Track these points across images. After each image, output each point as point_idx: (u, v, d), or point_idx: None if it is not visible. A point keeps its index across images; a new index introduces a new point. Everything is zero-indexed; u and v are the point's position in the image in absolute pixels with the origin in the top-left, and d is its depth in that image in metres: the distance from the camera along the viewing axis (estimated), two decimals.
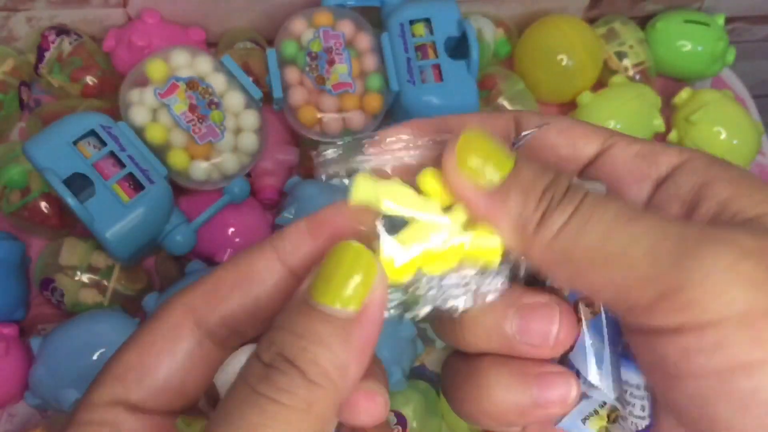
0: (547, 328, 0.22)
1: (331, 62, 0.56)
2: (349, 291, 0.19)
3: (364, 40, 0.58)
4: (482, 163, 0.20)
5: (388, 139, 0.22)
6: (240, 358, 0.21)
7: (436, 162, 0.21)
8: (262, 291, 0.21)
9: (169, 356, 0.21)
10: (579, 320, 0.22)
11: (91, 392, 0.21)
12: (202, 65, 0.55)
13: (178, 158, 0.53)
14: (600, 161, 0.22)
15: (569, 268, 0.19)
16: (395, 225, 0.21)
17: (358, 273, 0.19)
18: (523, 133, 0.22)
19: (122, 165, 0.51)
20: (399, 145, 0.22)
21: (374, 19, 0.60)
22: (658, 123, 0.68)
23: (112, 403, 0.20)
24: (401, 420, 0.53)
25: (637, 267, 0.18)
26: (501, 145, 0.21)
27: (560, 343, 0.22)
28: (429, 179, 0.21)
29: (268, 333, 0.19)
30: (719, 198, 0.20)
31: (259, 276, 0.21)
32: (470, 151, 0.20)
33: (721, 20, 0.73)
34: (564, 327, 0.22)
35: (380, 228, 0.21)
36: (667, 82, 0.74)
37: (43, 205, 0.56)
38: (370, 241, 0.20)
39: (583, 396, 0.22)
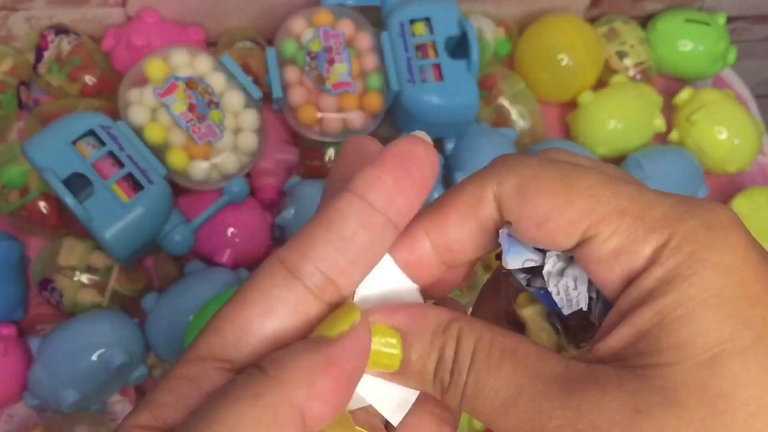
0: None
1: (331, 62, 0.56)
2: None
3: (364, 40, 0.58)
4: (376, 361, 0.21)
5: None
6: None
7: None
8: (347, 231, 0.20)
9: (261, 305, 0.20)
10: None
11: (194, 344, 0.21)
12: (202, 65, 0.54)
13: (177, 158, 0.53)
14: (579, 252, 0.21)
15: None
16: None
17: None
18: (500, 239, 0.22)
19: (121, 165, 0.51)
20: None
21: (374, 19, 0.60)
22: (659, 123, 0.68)
23: (204, 359, 0.20)
24: None
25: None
26: (385, 332, 0.21)
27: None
28: None
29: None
30: (638, 329, 0.19)
31: (342, 216, 0.21)
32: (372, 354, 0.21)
33: (722, 20, 0.73)
34: None
35: None
36: (668, 82, 0.74)
37: (42, 205, 0.56)
38: None
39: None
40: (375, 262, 0.21)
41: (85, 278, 0.54)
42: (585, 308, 0.22)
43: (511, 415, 0.20)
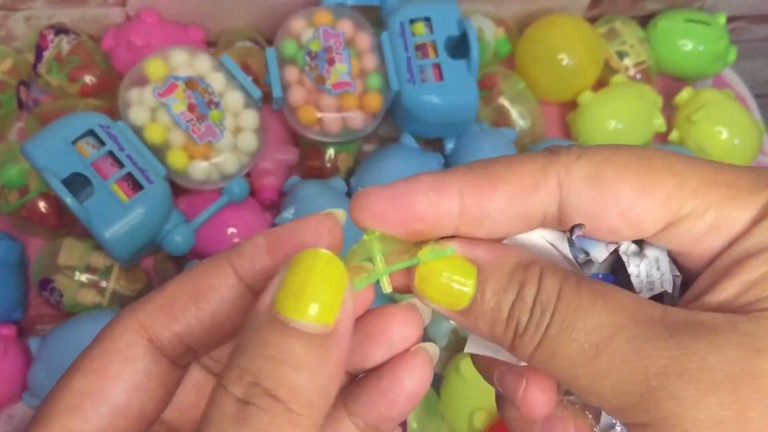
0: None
1: (331, 62, 0.56)
2: (324, 304, 0.17)
3: (364, 40, 0.58)
4: (443, 295, 0.19)
5: None
6: None
7: None
8: (219, 307, 0.20)
9: (126, 379, 0.19)
10: None
11: (41, 427, 0.19)
12: (202, 65, 0.54)
13: (177, 158, 0.53)
14: (668, 233, 0.20)
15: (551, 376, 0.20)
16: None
17: (331, 283, 0.17)
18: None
19: (121, 165, 0.51)
20: None
21: (374, 18, 0.60)
22: (659, 123, 0.68)
23: None
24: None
25: (606, 399, 0.18)
26: (459, 266, 0.19)
27: None
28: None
29: (234, 359, 0.17)
30: (746, 279, 0.19)
31: (215, 292, 0.20)
32: (428, 286, 0.19)
33: (722, 19, 0.73)
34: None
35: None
36: (668, 82, 0.74)
37: (42, 205, 0.56)
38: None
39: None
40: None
41: (84, 278, 0.54)
42: (669, 289, 0.21)
43: (603, 358, 0.18)
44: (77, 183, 0.49)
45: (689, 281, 0.20)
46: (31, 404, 0.52)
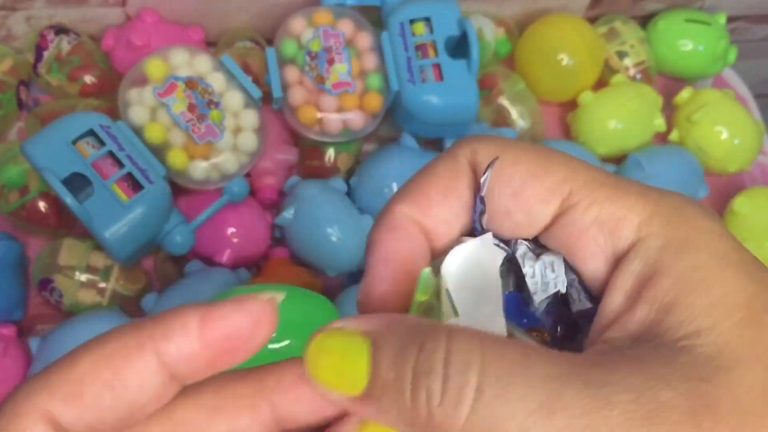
0: None
1: (331, 61, 0.56)
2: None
3: (364, 40, 0.58)
4: (337, 376, 0.17)
5: None
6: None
7: None
8: (137, 396, 0.18)
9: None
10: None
11: None
12: (202, 65, 0.54)
13: (177, 158, 0.53)
14: (557, 226, 0.20)
15: None
16: None
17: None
18: (482, 179, 0.20)
19: (121, 165, 0.51)
20: None
21: (374, 18, 0.60)
22: (659, 123, 0.68)
23: None
24: None
25: None
26: (353, 340, 0.17)
27: None
28: None
29: None
30: (660, 302, 0.18)
31: (134, 378, 0.18)
32: (318, 368, 0.17)
33: (722, 19, 0.73)
34: None
35: None
36: (668, 82, 0.74)
37: (42, 204, 0.56)
38: None
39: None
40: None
41: (84, 278, 0.54)
42: (563, 290, 0.20)
43: (558, 417, 0.15)
44: (77, 183, 0.49)
45: (591, 288, 0.20)
46: None
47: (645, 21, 0.75)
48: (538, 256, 0.21)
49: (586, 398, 0.16)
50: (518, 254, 0.21)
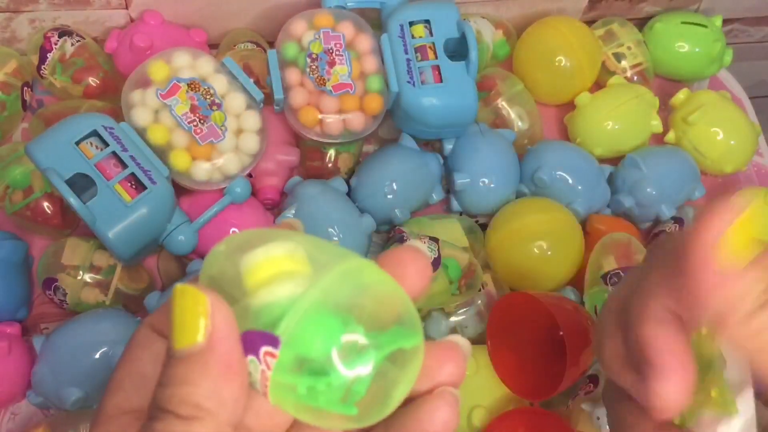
0: None
1: (332, 63, 0.57)
2: (190, 327, 0.20)
3: (365, 42, 0.58)
4: (745, 247, 0.21)
5: None
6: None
7: None
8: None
9: (147, 358, 0.23)
10: None
11: (99, 413, 0.24)
12: (204, 66, 0.55)
13: (179, 159, 0.53)
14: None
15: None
16: None
17: (187, 309, 0.20)
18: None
19: (124, 165, 0.51)
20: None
21: (374, 21, 0.60)
22: (656, 124, 0.68)
23: (116, 415, 0.23)
24: None
25: None
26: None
27: None
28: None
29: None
30: None
31: None
32: (744, 234, 0.21)
33: (718, 22, 0.73)
34: None
35: None
36: (665, 83, 0.75)
37: (46, 205, 0.56)
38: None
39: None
40: None
41: (88, 277, 0.55)
42: None
43: None
44: (81, 183, 0.50)
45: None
46: (35, 402, 0.52)
47: (642, 23, 0.75)
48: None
49: None
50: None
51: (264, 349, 0.20)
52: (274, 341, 0.20)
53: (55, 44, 0.61)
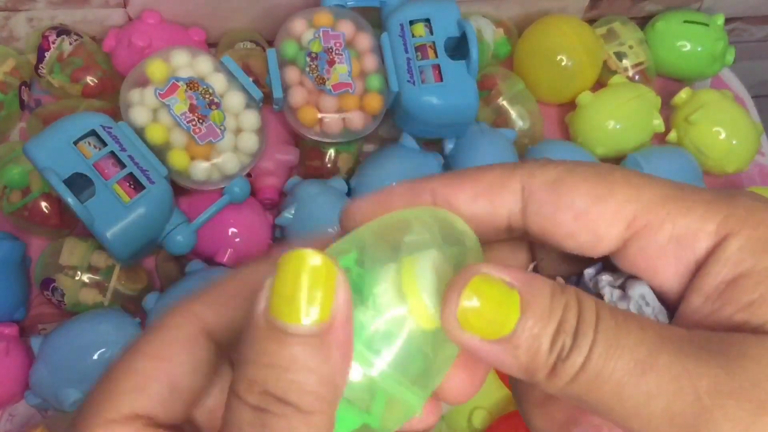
0: None
1: (331, 62, 0.56)
2: (315, 303, 0.17)
3: (364, 41, 0.58)
4: (486, 323, 0.18)
5: None
6: None
7: None
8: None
9: (185, 363, 0.20)
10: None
11: (107, 406, 0.19)
12: (203, 65, 0.55)
13: (178, 158, 0.53)
14: (631, 249, 0.20)
15: (588, 406, 0.18)
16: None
17: (320, 281, 0.17)
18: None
19: (122, 165, 0.51)
20: None
21: (374, 20, 0.60)
22: (658, 123, 0.68)
23: (131, 418, 0.19)
24: None
25: (656, 424, 0.17)
26: (506, 290, 0.18)
27: None
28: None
29: (242, 370, 0.18)
30: (747, 299, 0.18)
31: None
32: (473, 313, 0.18)
33: (720, 20, 0.73)
34: None
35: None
36: (667, 83, 0.75)
37: (44, 205, 0.56)
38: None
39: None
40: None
41: (86, 278, 0.55)
42: (666, 320, 0.20)
43: (650, 375, 0.17)
44: (79, 183, 0.50)
45: (669, 306, 0.20)
46: (33, 403, 0.52)
47: (643, 22, 0.75)
48: (624, 292, 0.21)
49: (677, 366, 0.17)
50: (606, 300, 0.21)
51: None
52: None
53: (53, 43, 0.61)
